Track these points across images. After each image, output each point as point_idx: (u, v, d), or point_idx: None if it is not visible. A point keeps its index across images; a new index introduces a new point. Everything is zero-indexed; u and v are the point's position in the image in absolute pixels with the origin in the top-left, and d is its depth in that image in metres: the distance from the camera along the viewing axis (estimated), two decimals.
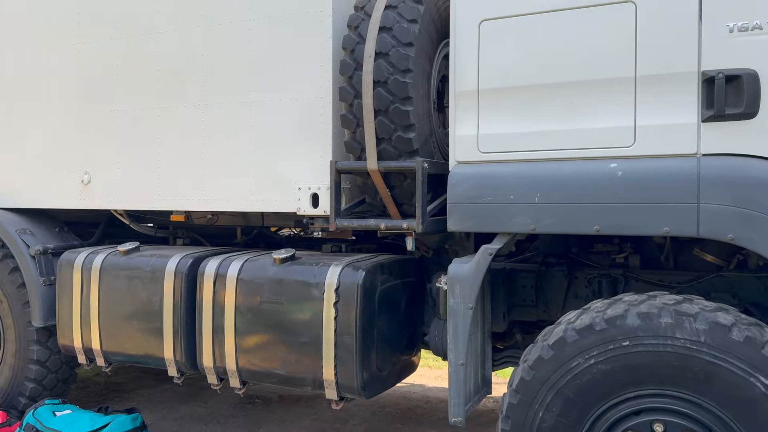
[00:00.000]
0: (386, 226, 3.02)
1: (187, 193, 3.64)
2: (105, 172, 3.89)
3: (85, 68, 3.94)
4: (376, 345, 3.09)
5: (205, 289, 3.38)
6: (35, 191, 4.17)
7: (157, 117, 3.71)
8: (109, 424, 3.47)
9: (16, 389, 4.08)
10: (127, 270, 3.65)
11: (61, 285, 3.86)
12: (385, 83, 2.93)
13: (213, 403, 4.77)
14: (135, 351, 3.61)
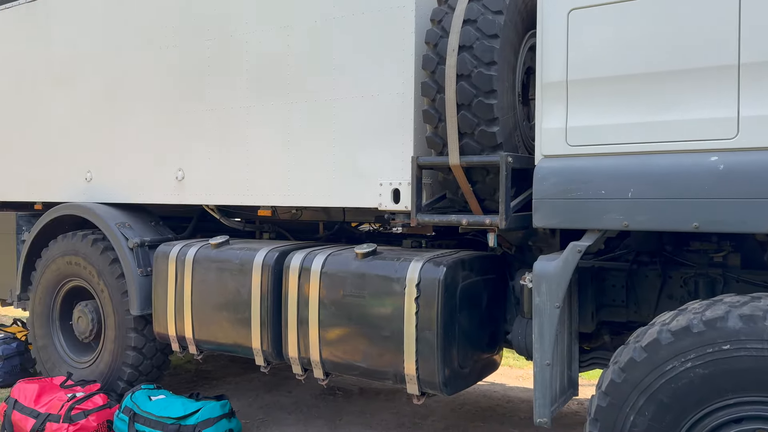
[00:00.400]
0: (468, 222, 2.99)
1: (273, 189, 3.75)
2: (197, 169, 4.07)
3: (179, 69, 4.14)
4: (457, 342, 3.07)
5: (290, 281, 3.47)
6: (133, 187, 4.42)
7: (245, 116, 3.84)
8: (200, 409, 3.63)
9: (115, 374, 4.34)
10: (217, 262, 3.80)
11: (157, 276, 4.08)
12: (469, 77, 2.89)
13: (296, 393, 4.90)
14: (225, 340, 3.76)
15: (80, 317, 4.57)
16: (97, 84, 4.57)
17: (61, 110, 4.78)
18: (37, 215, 4.93)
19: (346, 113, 3.43)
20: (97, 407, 3.88)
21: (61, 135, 4.79)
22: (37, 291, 4.77)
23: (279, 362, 3.66)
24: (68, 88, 4.74)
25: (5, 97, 5.17)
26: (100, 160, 4.58)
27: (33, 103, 4.97)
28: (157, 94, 4.26)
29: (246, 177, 3.85)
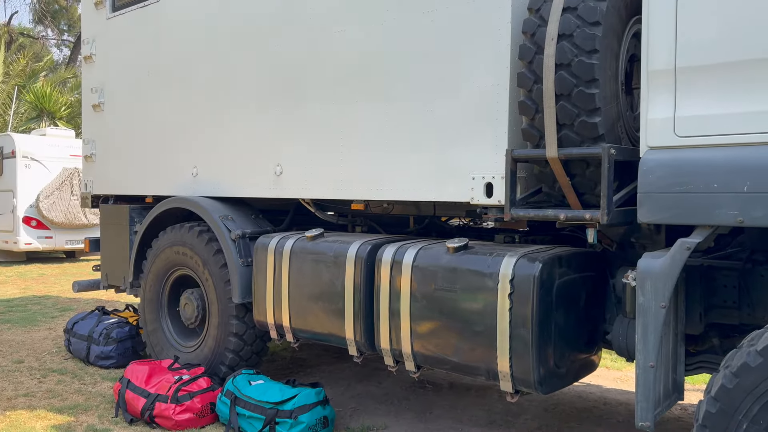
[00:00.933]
0: (566, 216, 2.89)
1: (366, 184, 3.80)
2: (294, 164, 4.20)
3: (277, 66, 4.29)
4: (553, 340, 2.98)
5: (382, 274, 3.52)
6: (235, 182, 4.64)
7: (340, 111, 3.92)
8: (296, 395, 3.75)
9: (218, 358, 4.57)
10: (313, 254, 3.91)
11: (257, 266, 4.26)
12: (569, 66, 2.80)
13: (387, 385, 4.96)
14: (319, 329, 3.87)
15: (186, 304, 4.85)
16: (202, 84, 4.82)
17: (171, 110, 5.09)
18: (148, 208, 5.28)
19: (439, 107, 3.42)
20: (201, 390, 4.10)
21: (171, 133, 5.10)
22: (148, 279, 5.12)
23: (371, 353, 3.72)
24: (176, 89, 5.03)
25: (121, 97, 5.57)
26: (205, 156, 4.83)
27: (145, 103, 5.32)
28: (257, 93, 4.44)
29: (340, 172, 3.93)
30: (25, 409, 4.34)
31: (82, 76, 6.18)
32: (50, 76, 23.33)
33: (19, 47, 25.72)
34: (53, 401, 4.49)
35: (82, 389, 4.77)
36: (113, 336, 5.36)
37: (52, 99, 19.06)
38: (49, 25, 31.34)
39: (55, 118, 19.18)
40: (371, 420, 4.18)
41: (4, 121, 18.92)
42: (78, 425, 4.03)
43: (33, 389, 4.76)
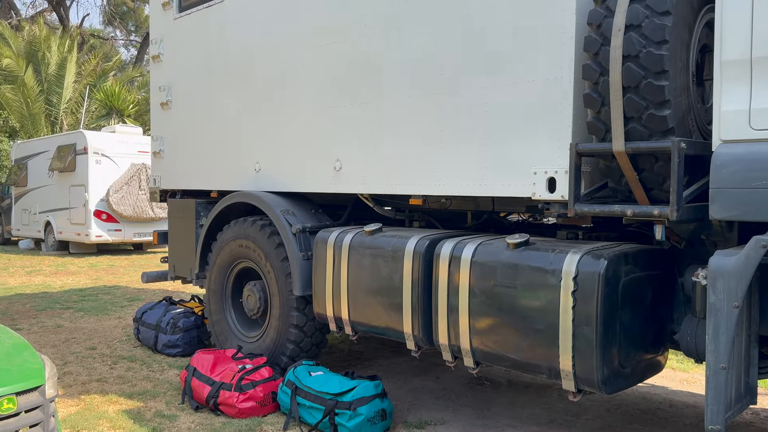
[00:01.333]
0: (633, 212, 2.81)
1: (424, 179, 3.81)
2: (353, 160, 4.25)
3: (335, 65, 4.34)
4: (618, 339, 2.91)
5: (440, 269, 3.52)
6: (295, 177, 4.73)
7: (397, 106, 3.93)
8: (355, 387, 3.81)
9: (279, 349, 4.68)
10: (371, 249, 3.95)
11: (317, 260, 4.33)
12: (636, 57, 2.71)
13: (444, 380, 4.96)
14: (377, 323, 3.91)
15: (249, 295, 4.99)
16: (264, 82, 4.94)
17: (235, 107, 5.23)
18: (213, 202, 5.45)
19: (500, 100, 3.39)
20: (263, 379, 4.22)
21: (234, 130, 5.25)
22: (213, 271, 5.29)
23: (429, 348, 3.72)
24: (240, 87, 5.17)
25: (188, 96, 5.76)
26: (267, 152, 4.95)
27: (210, 100, 5.49)
28: (317, 90, 4.51)
29: (398, 167, 3.95)
30: (98, 393, 4.57)
31: (150, 75, 6.43)
32: (119, 75, 24.35)
33: (90, 48, 26.93)
34: (124, 387, 4.72)
35: (150, 376, 4.99)
36: (180, 325, 5.57)
37: (120, 97, 19.89)
38: (117, 26, 32.70)
39: (123, 115, 20.02)
40: (428, 415, 4.19)
41: (76, 119, 19.89)
42: (147, 410, 4.22)
43: (105, 375, 5.01)
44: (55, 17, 29.46)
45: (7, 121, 19.21)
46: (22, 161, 15.82)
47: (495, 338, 3.25)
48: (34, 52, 20.60)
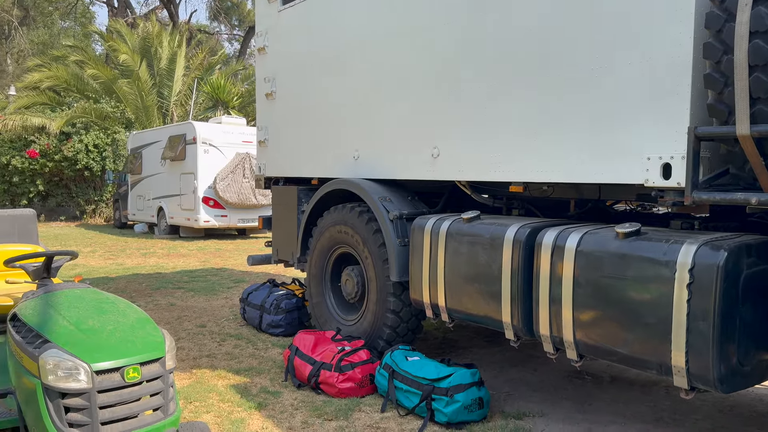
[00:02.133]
0: (758, 200, 2.61)
1: (526, 166, 3.72)
2: (451, 146, 4.22)
3: (434, 51, 4.32)
4: (737, 335, 2.72)
5: (542, 258, 3.43)
6: (393, 165, 4.77)
7: (497, 91, 3.86)
8: (452, 374, 3.81)
9: (376, 333, 4.77)
10: (469, 236, 3.92)
11: (414, 246, 4.36)
12: (765, 33, 2.50)
13: (542, 372, 4.85)
14: (475, 311, 3.88)
15: (347, 280, 5.11)
16: (363, 71, 5.00)
17: (335, 96, 5.35)
18: (314, 189, 5.62)
19: (610, 82, 3.23)
20: (362, 361, 4.31)
21: (334, 119, 5.37)
22: (313, 255, 5.46)
23: (529, 338, 3.65)
24: (340, 76, 5.27)
25: (290, 86, 5.95)
26: (366, 140, 5.02)
27: (312, 90, 5.64)
28: (415, 78, 4.51)
29: (498, 153, 3.88)
30: (207, 368, 4.86)
31: (255, 66, 6.69)
32: (223, 68, 25.54)
33: (197, 43, 28.44)
34: (231, 363, 4.99)
35: (255, 353, 5.24)
36: (282, 306, 5.80)
37: (225, 90, 20.88)
38: (222, 21, 34.28)
39: (228, 107, 21.01)
40: (526, 406, 4.12)
41: (185, 111, 21.10)
42: (253, 386, 4.44)
43: (214, 351, 5.32)
44: (165, 14, 31.35)
45: (123, 113, 20.68)
46: (137, 150, 17.02)
47: (601, 331, 3.13)
48: (147, 47, 22.04)
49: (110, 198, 20.39)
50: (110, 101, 20.40)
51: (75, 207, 20.62)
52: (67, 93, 21.57)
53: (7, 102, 21.93)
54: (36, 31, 32.06)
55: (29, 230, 4.15)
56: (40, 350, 2.53)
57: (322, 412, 3.95)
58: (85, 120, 19.46)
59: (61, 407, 2.47)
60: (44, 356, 2.47)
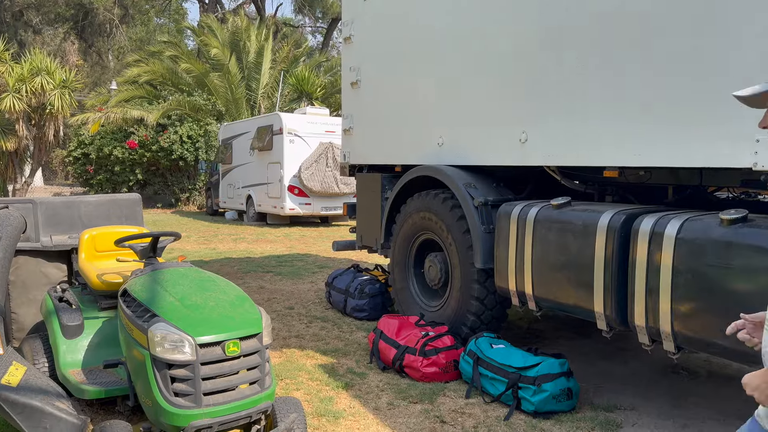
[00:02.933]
0: None
1: (622, 149, 3.57)
2: (540, 130, 4.13)
3: (521, 34, 4.22)
4: None
5: (638, 246, 3.29)
6: (478, 150, 4.72)
7: (589, 73, 3.72)
8: (539, 363, 3.74)
9: (460, 320, 4.76)
10: (559, 223, 3.82)
11: (499, 233, 4.30)
12: None
13: (633, 365, 4.68)
14: (564, 300, 3.78)
15: (430, 266, 5.12)
16: (448, 57, 4.97)
17: (419, 83, 5.35)
18: (397, 176, 5.66)
19: (713, 58, 3.04)
20: (446, 347, 4.32)
21: (418, 106, 5.37)
22: (396, 241, 5.51)
23: (622, 329, 3.53)
24: (424, 62, 5.26)
25: (375, 74, 6.01)
26: (450, 126, 5.00)
27: (395, 78, 5.67)
28: (502, 61, 4.43)
29: (592, 137, 3.75)
30: (296, 348, 5.03)
31: (341, 56, 6.80)
32: (307, 61, 26.10)
33: (283, 36, 29.19)
34: (318, 344, 5.13)
35: (341, 336, 5.37)
36: (366, 291, 5.90)
37: (309, 81, 21.34)
38: (307, 14, 35.01)
39: (311, 98, 21.47)
40: (617, 399, 3.99)
41: (272, 103, 21.75)
42: (339, 367, 4.55)
43: (302, 332, 5.49)
44: (253, 9, 32.37)
45: (214, 105, 21.60)
46: (228, 141, 17.74)
47: (701, 322, 2.98)
48: (236, 42, 22.87)
49: (203, 186, 21.40)
50: (202, 94, 21.35)
51: (170, 195, 21.81)
52: (162, 86, 22.77)
53: (109, 96, 23.44)
54: (134, 29, 34.03)
55: (135, 213, 4.44)
56: (148, 324, 2.71)
57: (406, 395, 4.00)
58: (180, 112, 20.49)
59: (168, 377, 2.63)
60: (153, 329, 2.65)
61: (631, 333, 3.45)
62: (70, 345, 3.41)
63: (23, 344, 3.80)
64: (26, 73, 15.52)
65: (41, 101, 15.95)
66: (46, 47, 27.54)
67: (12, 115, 15.58)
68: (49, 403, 3.01)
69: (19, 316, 4.15)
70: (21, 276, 4.11)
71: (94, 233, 3.90)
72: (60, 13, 29.59)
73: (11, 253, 3.69)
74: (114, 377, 3.28)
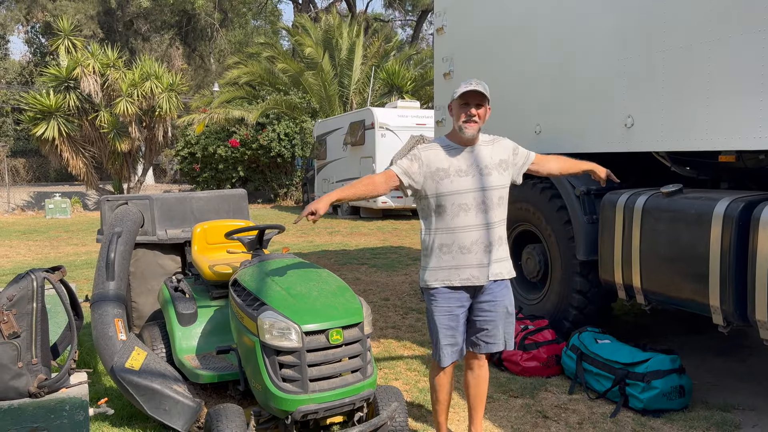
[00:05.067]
0: None
1: (740, 132, 3.32)
2: (648, 114, 3.91)
3: (625, 12, 4.01)
4: None
5: (759, 236, 3.06)
6: (579, 137, 4.54)
7: (707, 51, 3.48)
8: (649, 359, 3.57)
9: (560, 313, 4.62)
10: (669, 212, 3.62)
11: (604, 223, 4.13)
12: None
13: (752, 362, 4.36)
14: (676, 293, 3.58)
15: (528, 258, 5.01)
16: (545, 42, 4.82)
17: (514, 70, 5.22)
18: None
19: None
20: (547, 341, 4.22)
21: (513, 94, 5.24)
22: None
23: (741, 324, 3.29)
24: (520, 49, 5.13)
25: (468, 64, 5.93)
26: (548, 113, 4.84)
27: (489, 66, 5.56)
28: (605, 43, 4.23)
29: (706, 119, 3.51)
30: (393, 338, 5.09)
31: (434, 47, 6.76)
32: (397, 54, 26.23)
33: (373, 32, 29.48)
34: (414, 335, 5.17)
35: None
36: None
37: (400, 75, 21.46)
38: (396, 8, 35.15)
39: (402, 91, 21.57)
40: (734, 398, 3.73)
41: (363, 98, 22.06)
42: None
43: (398, 323, 5.55)
44: (344, 6, 32.92)
45: (309, 103, 22.23)
46: (322, 137, 18.20)
47: None
48: (328, 39, 23.37)
49: (299, 182, 22.11)
50: (298, 92, 22.02)
51: (270, 191, 22.71)
52: (261, 87, 23.71)
53: (212, 98, 24.71)
54: (233, 32, 35.61)
55: (241, 207, 4.66)
56: (258, 312, 2.84)
57: (506, 389, 3.94)
58: (277, 111, 21.25)
59: (276, 363, 2.75)
60: (262, 317, 2.77)
61: (750, 328, 3.21)
62: (185, 332, 3.64)
63: (143, 331, 4.10)
64: (137, 79, 16.65)
65: (151, 104, 17.07)
66: (153, 53, 29.46)
67: (126, 118, 16.79)
68: (167, 386, 3.24)
69: (138, 305, 4.48)
70: (140, 267, 4.43)
71: (206, 227, 4.13)
72: (165, 21, 31.51)
73: (131, 246, 3.98)
74: (226, 363, 3.47)
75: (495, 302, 2.92)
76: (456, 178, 2.85)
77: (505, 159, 3.00)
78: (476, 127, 2.87)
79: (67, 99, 16.58)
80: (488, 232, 2.88)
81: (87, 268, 8.57)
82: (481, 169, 2.89)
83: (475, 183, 2.86)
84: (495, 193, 2.90)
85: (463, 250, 2.85)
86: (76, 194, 22.09)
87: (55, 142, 16.72)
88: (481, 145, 2.96)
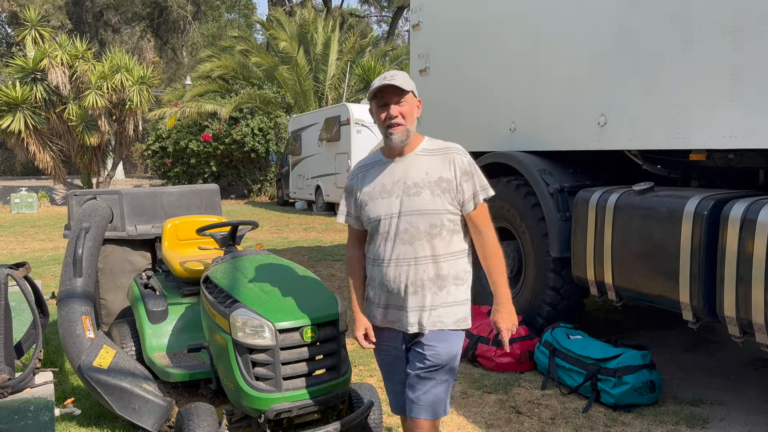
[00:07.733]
0: None
1: (711, 131, 3.37)
2: (621, 113, 3.95)
3: (598, 12, 4.04)
4: None
5: (728, 233, 3.11)
6: (553, 135, 4.57)
7: (678, 50, 3.53)
8: (620, 355, 3.61)
9: (534, 310, 4.66)
10: (641, 209, 3.66)
11: (576, 220, 4.17)
12: None
13: (719, 357, 4.45)
14: (647, 290, 3.63)
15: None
16: (520, 39, 4.84)
17: (489, 68, 5.24)
18: None
19: None
20: (520, 337, 4.24)
21: (488, 91, 5.26)
22: None
23: (710, 320, 3.35)
24: (495, 46, 5.15)
25: (443, 61, 5.93)
26: (523, 111, 4.87)
27: (464, 64, 5.57)
28: (579, 41, 4.26)
29: (677, 119, 3.56)
30: None
31: (410, 43, 6.75)
32: (373, 51, 26.17)
33: (349, 27, 29.35)
34: None
35: None
36: None
37: (375, 71, 21.38)
38: (372, 4, 35.06)
39: None
40: (703, 392, 3.80)
41: (338, 94, 21.97)
42: None
43: None
44: (319, 0, 32.73)
45: (283, 98, 22.05)
46: (297, 133, 18.07)
47: None
48: (303, 34, 23.20)
49: (274, 178, 21.94)
50: (272, 87, 21.82)
51: (243, 186, 22.48)
52: (234, 80, 23.44)
53: (184, 91, 24.35)
54: (206, 25, 35.13)
55: (214, 203, 4.59)
56: (230, 309, 2.79)
57: (480, 385, 3.96)
58: (251, 105, 21.03)
59: (249, 361, 2.70)
60: (234, 314, 2.72)
61: (718, 325, 3.27)
62: (155, 330, 3.57)
63: (112, 329, 4.01)
64: (107, 71, 16.30)
65: (121, 97, 16.73)
66: (124, 45, 28.91)
67: (95, 111, 16.43)
68: (137, 385, 3.17)
69: (107, 302, 4.38)
70: (109, 264, 4.33)
71: (177, 222, 4.05)
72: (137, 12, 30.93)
73: (100, 242, 3.89)
74: (197, 361, 3.41)
75: (426, 357, 2.27)
76: (379, 200, 2.31)
77: (448, 178, 2.26)
78: (402, 130, 2.24)
79: (34, 91, 16.15)
80: (416, 268, 2.24)
81: (54, 265, 8.37)
82: (408, 188, 2.27)
83: (396, 206, 2.27)
84: (424, 220, 2.23)
85: (385, 288, 2.32)
86: (43, 189, 21.57)
87: (21, 135, 16.28)
88: (419, 155, 2.31)
